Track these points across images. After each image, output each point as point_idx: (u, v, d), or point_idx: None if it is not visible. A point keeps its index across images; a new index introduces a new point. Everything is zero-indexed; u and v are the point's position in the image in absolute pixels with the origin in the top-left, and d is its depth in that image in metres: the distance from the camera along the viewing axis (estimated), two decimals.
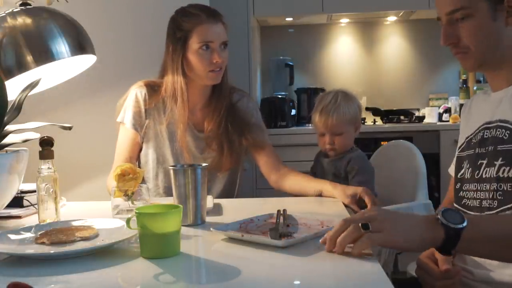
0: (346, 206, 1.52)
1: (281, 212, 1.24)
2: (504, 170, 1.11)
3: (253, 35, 3.43)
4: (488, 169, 1.16)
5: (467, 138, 1.28)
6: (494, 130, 1.18)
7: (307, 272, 0.93)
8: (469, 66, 1.22)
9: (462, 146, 1.29)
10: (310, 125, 3.61)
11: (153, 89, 1.82)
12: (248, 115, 1.87)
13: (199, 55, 1.72)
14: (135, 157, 1.86)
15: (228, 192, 1.87)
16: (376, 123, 3.72)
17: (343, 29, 4.01)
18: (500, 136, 1.15)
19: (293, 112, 3.66)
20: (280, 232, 1.13)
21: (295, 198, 1.71)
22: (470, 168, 1.22)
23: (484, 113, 1.23)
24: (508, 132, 1.13)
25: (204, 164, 1.34)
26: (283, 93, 3.75)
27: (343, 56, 4.01)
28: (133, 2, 2.24)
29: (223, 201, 1.61)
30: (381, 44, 4.00)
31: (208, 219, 1.34)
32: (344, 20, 3.93)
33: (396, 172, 1.96)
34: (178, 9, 1.79)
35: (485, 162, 1.17)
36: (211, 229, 1.16)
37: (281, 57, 3.88)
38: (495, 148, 1.15)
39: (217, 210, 1.47)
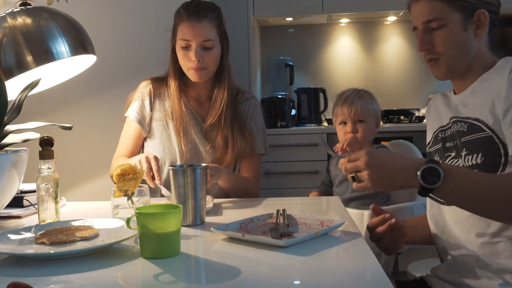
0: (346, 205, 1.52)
1: (281, 212, 1.24)
2: (468, 159, 1.23)
3: (253, 35, 3.43)
4: (455, 160, 1.27)
5: (433, 134, 1.39)
6: (454, 125, 1.30)
7: (307, 272, 0.93)
8: (440, 73, 1.32)
9: (430, 143, 1.40)
10: (310, 125, 3.63)
11: (159, 83, 1.88)
12: (245, 118, 1.87)
13: (181, 52, 1.77)
14: (137, 150, 1.89)
15: (227, 192, 1.87)
16: None
17: (343, 29, 4.01)
18: (460, 129, 1.27)
19: (293, 112, 3.66)
20: (281, 232, 1.13)
21: (295, 198, 1.71)
22: (441, 161, 1.30)
23: (448, 112, 1.35)
24: (467, 125, 1.25)
25: (203, 164, 1.34)
26: (283, 93, 3.74)
27: (343, 56, 4.00)
28: (133, 2, 2.24)
29: (223, 201, 1.61)
30: (381, 44, 4.00)
31: (208, 219, 1.34)
32: (344, 20, 3.92)
33: None
34: None
35: (452, 154, 1.29)
36: (211, 229, 1.16)
37: (281, 57, 3.87)
38: (460, 141, 1.26)
39: (217, 210, 1.47)
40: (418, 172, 1.07)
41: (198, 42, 1.73)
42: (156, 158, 1.56)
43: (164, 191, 1.56)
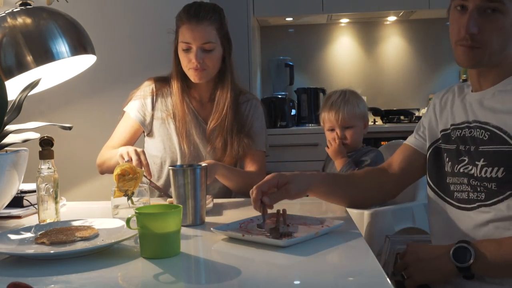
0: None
1: (281, 212, 1.24)
2: (486, 171, 1.17)
3: (253, 35, 3.43)
4: (470, 166, 1.21)
5: (442, 131, 1.32)
6: (471, 130, 1.22)
7: (307, 272, 0.93)
8: (470, 63, 1.21)
9: (440, 139, 1.33)
10: (310, 125, 3.63)
11: (162, 82, 1.88)
12: (246, 119, 1.88)
13: (181, 54, 1.78)
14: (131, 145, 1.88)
15: (226, 192, 1.87)
16: (376, 123, 3.72)
17: (343, 29, 4.01)
18: (480, 136, 1.20)
19: (293, 112, 3.66)
20: (281, 232, 1.13)
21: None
22: (450, 162, 1.27)
23: (462, 111, 1.27)
24: (488, 133, 1.18)
25: (203, 164, 1.34)
26: (283, 93, 3.74)
27: (343, 56, 4.01)
28: (133, 2, 2.24)
29: (223, 201, 1.61)
30: (381, 44, 4.00)
31: (208, 219, 1.34)
32: (344, 20, 3.93)
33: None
34: None
35: (466, 159, 1.22)
36: (211, 229, 1.16)
37: (281, 57, 3.88)
38: (477, 148, 1.20)
39: (217, 210, 1.47)
40: (450, 253, 1.13)
41: (198, 45, 1.74)
42: (144, 152, 1.58)
43: (153, 184, 1.58)
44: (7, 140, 1.31)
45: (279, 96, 3.62)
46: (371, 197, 1.48)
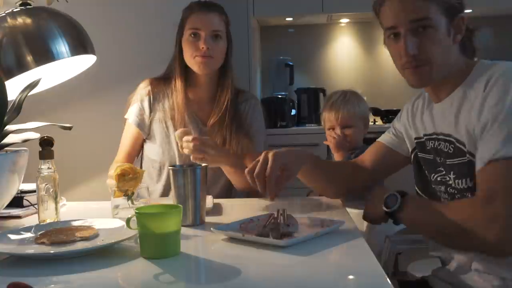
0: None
1: (281, 212, 1.24)
2: (458, 182, 1.19)
3: (253, 35, 3.43)
4: (447, 177, 1.23)
5: (416, 139, 1.35)
6: (439, 142, 1.24)
7: (307, 272, 0.93)
8: (421, 82, 1.23)
9: (416, 149, 1.36)
10: (310, 125, 3.63)
11: (158, 83, 1.88)
12: (245, 119, 1.88)
13: (188, 42, 1.79)
14: (136, 153, 1.90)
15: (227, 192, 1.87)
16: (376, 123, 3.72)
17: (343, 29, 4.01)
18: (445, 150, 1.21)
19: (293, 112, 3.66)
20: (281, 232, 1.13)
21: (295, 198, 1.71)
22: (427, 171, 1.30)
23: (430, 122, 1.29)
24: (452, 146, 1.19)
25: (203, 164, 1.34)
26: (283, 93, 3.74)
27: (343, 56, 4.01)
28: (133, 2, 2.24)
29: (223, 201, 1.61)
30: (381, 44, 3.98)
31: (208, 219, 1.34)
32: (344, 20, 3.92)
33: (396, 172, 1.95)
34: None
35: (443, 171, 1.24)
36: (211, 229, 1.16)
37: (281, 57, 3.87)
38: (445, 162, 1.22)
39: (217, 210, 1.47)
40: (384, 197, 1.20)
41: (208, 31, 1.76)
42: None
43: None
44: (7, 140, 1.31)
45: (279, 96, 3.62)
46: (345, 187, 1.53)
